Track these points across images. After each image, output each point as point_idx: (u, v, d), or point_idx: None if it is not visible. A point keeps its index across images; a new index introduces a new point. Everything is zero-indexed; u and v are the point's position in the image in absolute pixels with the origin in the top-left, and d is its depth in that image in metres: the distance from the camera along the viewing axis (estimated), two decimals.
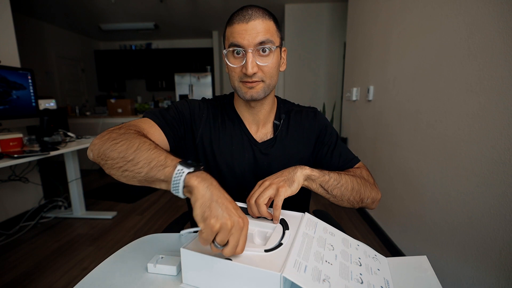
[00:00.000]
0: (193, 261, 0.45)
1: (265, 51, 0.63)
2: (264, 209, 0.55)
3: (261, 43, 0.62)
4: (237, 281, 0.43)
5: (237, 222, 0.42)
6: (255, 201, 0.56)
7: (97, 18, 4.52)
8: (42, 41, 4.45)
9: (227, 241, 0.42)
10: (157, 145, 0.52)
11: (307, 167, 0.63)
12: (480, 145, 1.03)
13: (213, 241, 0.42)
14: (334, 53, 3.94)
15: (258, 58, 0.63)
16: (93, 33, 5.44)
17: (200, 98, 0.80)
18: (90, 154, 0.53)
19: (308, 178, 0.62)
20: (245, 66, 0.62)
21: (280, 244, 0.48)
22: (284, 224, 0.55)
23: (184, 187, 0.45)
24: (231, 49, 0.63)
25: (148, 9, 4.13)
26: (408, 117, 1.56)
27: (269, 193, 0.57)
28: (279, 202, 0.56)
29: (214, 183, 0.45)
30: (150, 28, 4.94)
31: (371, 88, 2.11)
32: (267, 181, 0.60)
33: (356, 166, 0.79)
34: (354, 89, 2.50)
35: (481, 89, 1.03)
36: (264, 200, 0.56)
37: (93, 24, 4.83)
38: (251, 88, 0.66)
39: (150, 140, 0.52)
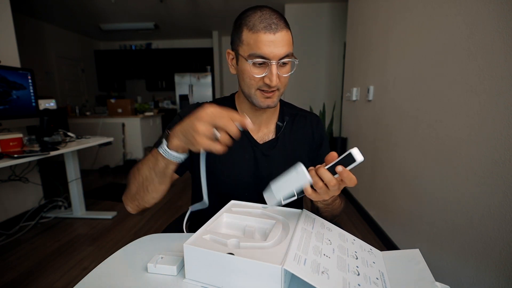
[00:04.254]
0: (196, 256, 0.46)
1: (286, 63, 0.64)
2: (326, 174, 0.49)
3: (285, 56, 0.62)
4: (239, 275, 0.44)
5: (193, 119, 0.48)
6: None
7: (97, 18, 4.53)
8: (42, 41, 4.45)
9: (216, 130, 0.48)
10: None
11: None
12: (480, 145, 1.03)
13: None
14: (334, 53, 3.94)
15: (279, 69, 0.63)
16: (93, 33, 5.45)
17: (198, 102, 0.79)
18: (133, 212, 0.67)
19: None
20: (268, 77, 0.62)
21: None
22: None
23: (174, 151, 0.54)
24: (257, 60, 0.61)
25: (148, 9, 4.13)
26: (408, 117, 1.56)
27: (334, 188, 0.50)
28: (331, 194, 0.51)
29: (174, 128, 0.54)
30: (150, 28, 4.94)
31: (371, 88, 2.11)
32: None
33: None
34: (354, 89, 2.50)
35: (481, 89, 1.03)
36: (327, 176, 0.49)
37: (93, 24, 4.83)
38: (268, 97, 0.66)
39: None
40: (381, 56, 1.96)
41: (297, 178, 0.48)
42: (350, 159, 0.47)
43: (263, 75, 0.63)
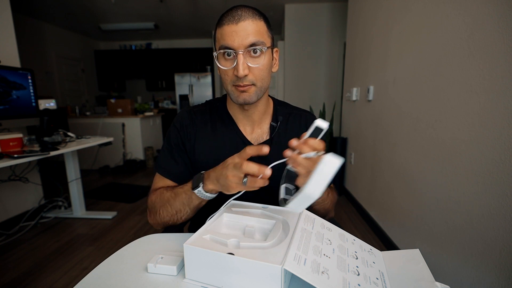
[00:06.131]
0: (196, 256, 0.46)
1: (256, 52, 0.62)
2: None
3: (252, 44, 0.60)
4: (239, 275, 0.44)
5: (228, 164, 0.55)
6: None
7: (97, 18, 4.53)
8: (42, 41, 4.45)
9: (245, 176, 0.53)
10: (173, 186, 0.70)
11: None
12: (480, 145, 1.03)
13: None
14: (334, 53, 3.94)
15: (249, 59, 0.62)
16: (93, 33, 5.44)
17: (189, 105, 0.80)
18: (159, 228, 0.73)
19: None
20: (236, 68, 0.61)
21: None
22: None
23: (209, 193, 0.61)
24: (221, 51, 0.62)
25: (148, 9, 4.13)
26: (408, 117, 1.56)
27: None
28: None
29: (207, 173, 0.60)
30: (150, 28, 4.94)
31: (371, 88, 2.11)
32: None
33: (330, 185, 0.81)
34: (354, 89, 2.50)
35: (481, 89, 1.03)
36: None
37: (93, 24, 4.83)
38: (243, 92, 0.65)
39: (169, 187, 0.71)
40: (381, 56, 1.96)
41: (329, 167, 0.44)
42: (318, 130, 0.51)
43: (231, 67, 0.62)
